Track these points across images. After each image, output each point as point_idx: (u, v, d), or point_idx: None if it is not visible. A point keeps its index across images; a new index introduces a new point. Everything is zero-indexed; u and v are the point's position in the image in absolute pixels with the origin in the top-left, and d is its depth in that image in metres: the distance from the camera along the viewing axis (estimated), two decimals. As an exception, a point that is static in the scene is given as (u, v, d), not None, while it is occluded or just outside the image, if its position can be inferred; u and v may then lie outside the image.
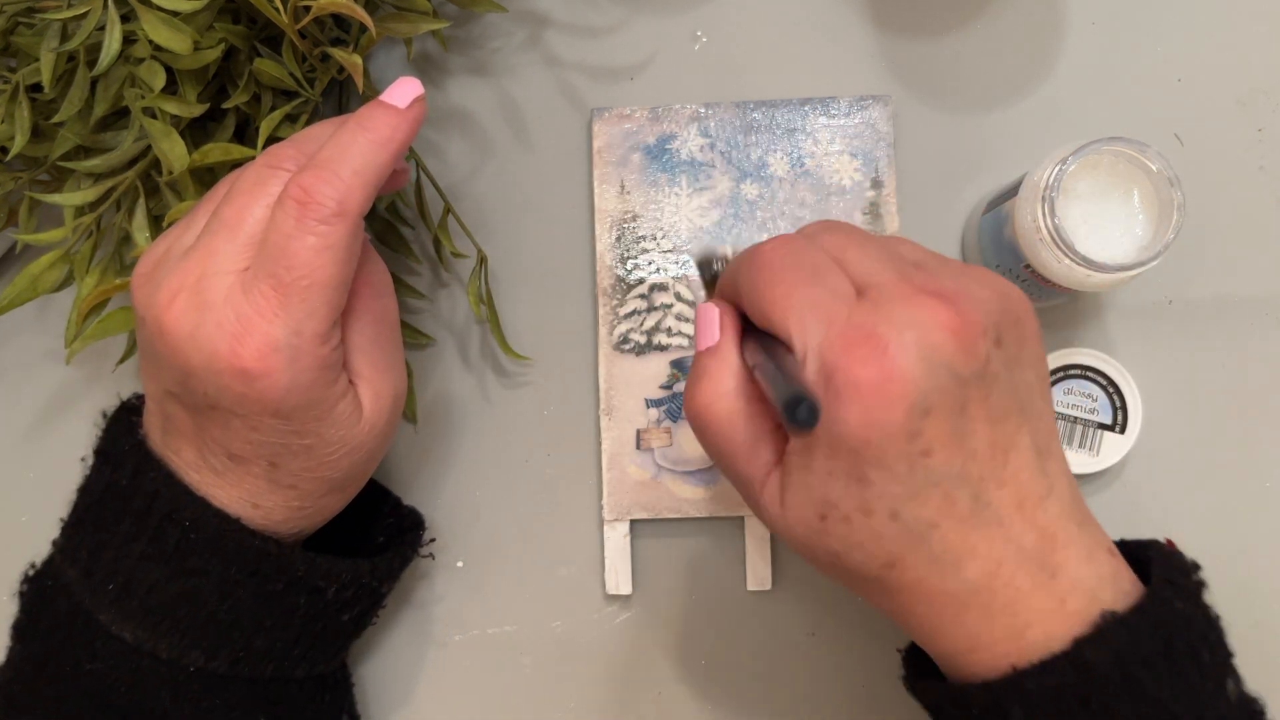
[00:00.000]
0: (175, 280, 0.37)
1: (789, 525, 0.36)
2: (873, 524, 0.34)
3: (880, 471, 0.33)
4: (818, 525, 0.35)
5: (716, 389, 0.37)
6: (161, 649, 0.39)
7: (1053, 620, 0.34)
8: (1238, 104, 0.50)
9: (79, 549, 0.40)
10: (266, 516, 0.40)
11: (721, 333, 0.38)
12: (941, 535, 0.34)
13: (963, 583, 0.34)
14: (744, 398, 0.37)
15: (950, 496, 0.34)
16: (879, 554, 0.35)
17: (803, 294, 0.35)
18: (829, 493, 0.34)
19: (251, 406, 0.37)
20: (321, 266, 0.36)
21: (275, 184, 0.38)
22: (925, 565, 0.35)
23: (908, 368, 0.33)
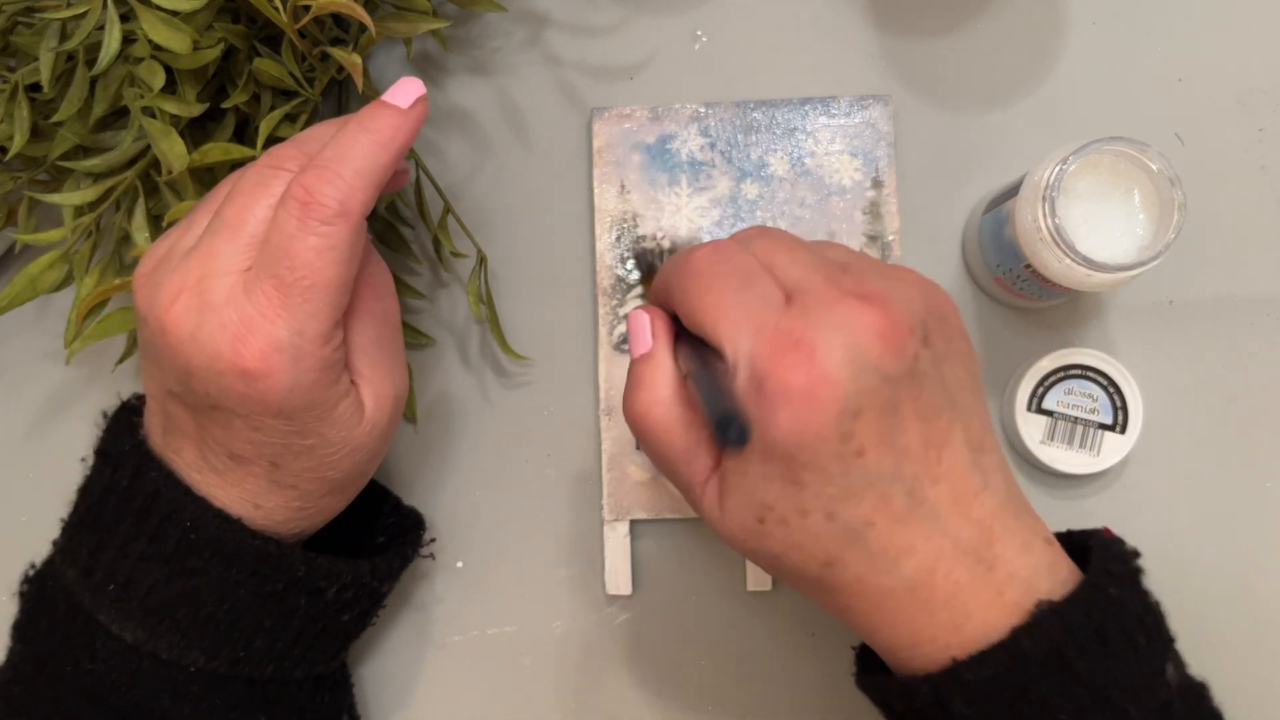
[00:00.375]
0: (177, 280, 0.37)
1: (728, 528, 0.37)
2: (809, 525, 0.35)
3: (814, 474, 0.34)
4: (756, 528, 0.36)
5: (652, 396, 0.38)
6: (161, 649, 0.39)
7: (991, 611, 0.35)
8: (1238, 104, 0.50)
9: (79, 549, 0.40)
10: (267, 517, 0.40)
11: (654, 339, 0.39)
12: (878, 533, 0.35)
13: (901, 579, 0.35)
14: (680, 404, 0.38)
15: (885, 495, 0.35)
16: (817, 554, 0.35)
17: (732, 301, 0.36)
18: (765, 496, 0.35)
19: (253, 407, 0.37)
20: (324, 267, 0.36)
21: (277, 184, 0.38)
22: (863, 563, 0.35)
23: (836, 371, 0.34)
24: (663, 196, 0.50)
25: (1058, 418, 0.47)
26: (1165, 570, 0.49)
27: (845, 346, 0.34)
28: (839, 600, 0.36)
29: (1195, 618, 0.48)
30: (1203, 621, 0.48)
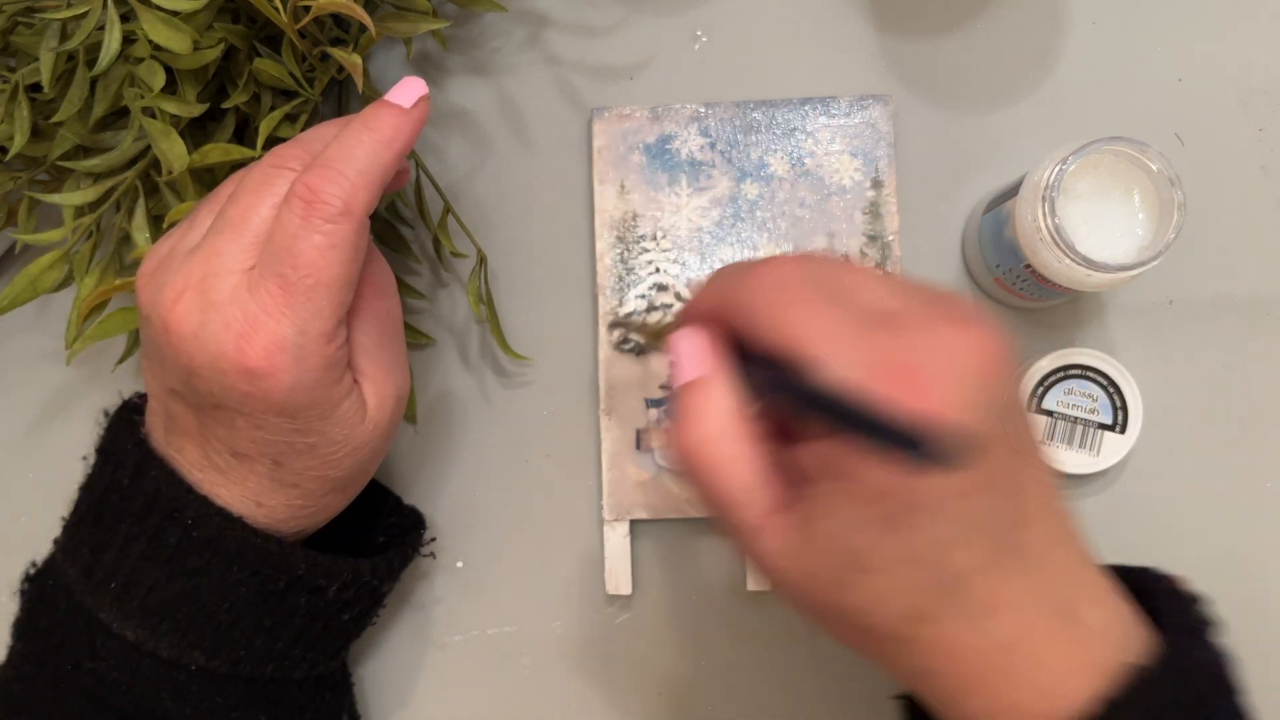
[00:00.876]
0: (180, 279, 0.37)
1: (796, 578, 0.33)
2: (904, 575, 0.32)
3: (919, 516, 0.31)
4: (836, 578, 0.32)
5: (709, 430, 0.34)
6: (162, 648, 0.39)
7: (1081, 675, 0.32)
8: (1238, 104, 0.50)
9: (80, 548, 0.40)
10: (269, 515, 0.40)
11: (707, 364, 0.35)
12: (975, 585, 0.32)
13: (992, 637, 0.32)
14: (740, 439, 0.34)
15: (984, 541, 0.32)
16: (906, 608, 0.32)
17: (828, 316, 0.32)
18: (857, 542, 0.32)
19: (256, 405, 0.37)
20: (328, 265, 0.36)
21: (281, 183, 0.38)
22: (955, 619, 0.32)
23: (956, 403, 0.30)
24: (663, 196, 0.50)
25: (1058, 417, 0.47)
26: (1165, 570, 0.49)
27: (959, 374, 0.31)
28: (919, 663, 0.33)
29: (1195, 618, 0.48)
30: (1203, 621, 0.48)
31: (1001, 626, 0.32)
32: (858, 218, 0.49)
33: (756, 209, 0.49)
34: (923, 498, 0.31)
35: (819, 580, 0.33)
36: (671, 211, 0.50)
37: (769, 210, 0.49)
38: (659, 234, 0.49)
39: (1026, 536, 0.33)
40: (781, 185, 0.49)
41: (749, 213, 0.49)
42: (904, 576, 0.32)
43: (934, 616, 0.32)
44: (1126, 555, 0.49)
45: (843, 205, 0.49)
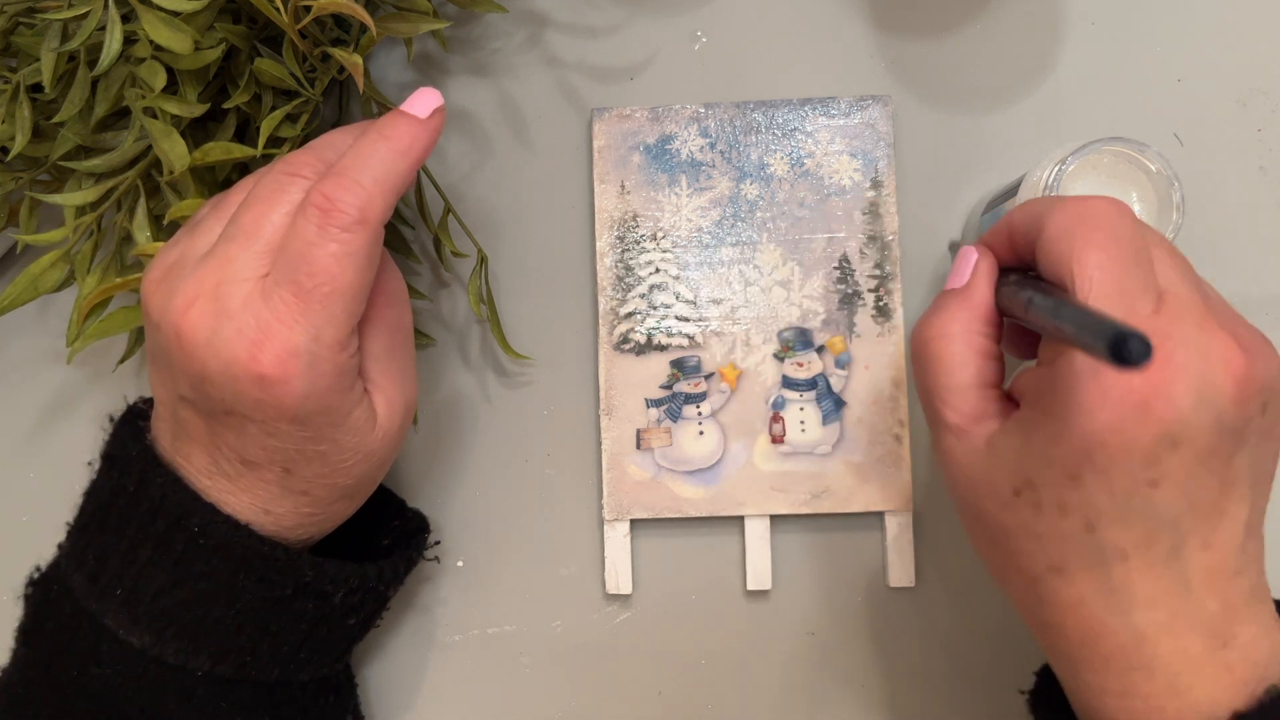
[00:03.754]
0: (191, 286, 0.37)
1: (975, 483, 0.36)
2: (1062, 524, 0.33)
3: (1099, 479, 0.33)
4: (1007, 498, 0.34)
5: (947, 328, 0.37)
6: (168, 654, 0.39)
7: (1216, 687, 0.33)
8: (1238, 104, 0.50)
9: (85, 553, 0.40)
10: (277, 523, 0.40)
11: (975, 276, 0.38)
12: (1126, 570, 0.33)
13: (1131, 625, 0.34)
14: (972, 346, 0.37)
15: (1153, 536, 0.33)
16: (1052, 554, 0.34)
17: (1121, 272, 0.34)
18: (1034, 472, 0.34)
19: (269, 412, 0.37)
20: (342, 273, 0.37)
21: (294, 191, 0.38)
22: (1095, 590, 0.34)
23: (1180, 394, 0.32)
24: (663, 196, 0.50)
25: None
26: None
27: (1199, 374, 0.32)
28: (1050, 614, 0.35)
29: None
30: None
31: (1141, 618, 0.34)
32: (857, 218, 0.49)
33: (756, 209, 0.49)
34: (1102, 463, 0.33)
35: (991, 491, 0.35)
36: (671, 211, 0.50)
37: (769, 210, 0.49)
38: (659, 234, 0.50)
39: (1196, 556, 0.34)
40: (781, 185, 0.50)
41: (749, 213, 0.49)
42: (1061, 524, 0.34)
43: (1071, 574, 0.34)
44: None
45: (842, 205, 0.49)
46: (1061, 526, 0.34)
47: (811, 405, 0.49)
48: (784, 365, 0.49)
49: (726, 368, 0.49)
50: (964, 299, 0.38)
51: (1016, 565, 0.35)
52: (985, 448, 0.36)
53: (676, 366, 0.49)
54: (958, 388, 0.37)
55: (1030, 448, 0.34)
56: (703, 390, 0.49)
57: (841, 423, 0.48)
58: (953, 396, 0.37)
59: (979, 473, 0.36)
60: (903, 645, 0.49)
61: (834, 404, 0.48)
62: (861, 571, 0.49)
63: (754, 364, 0.49)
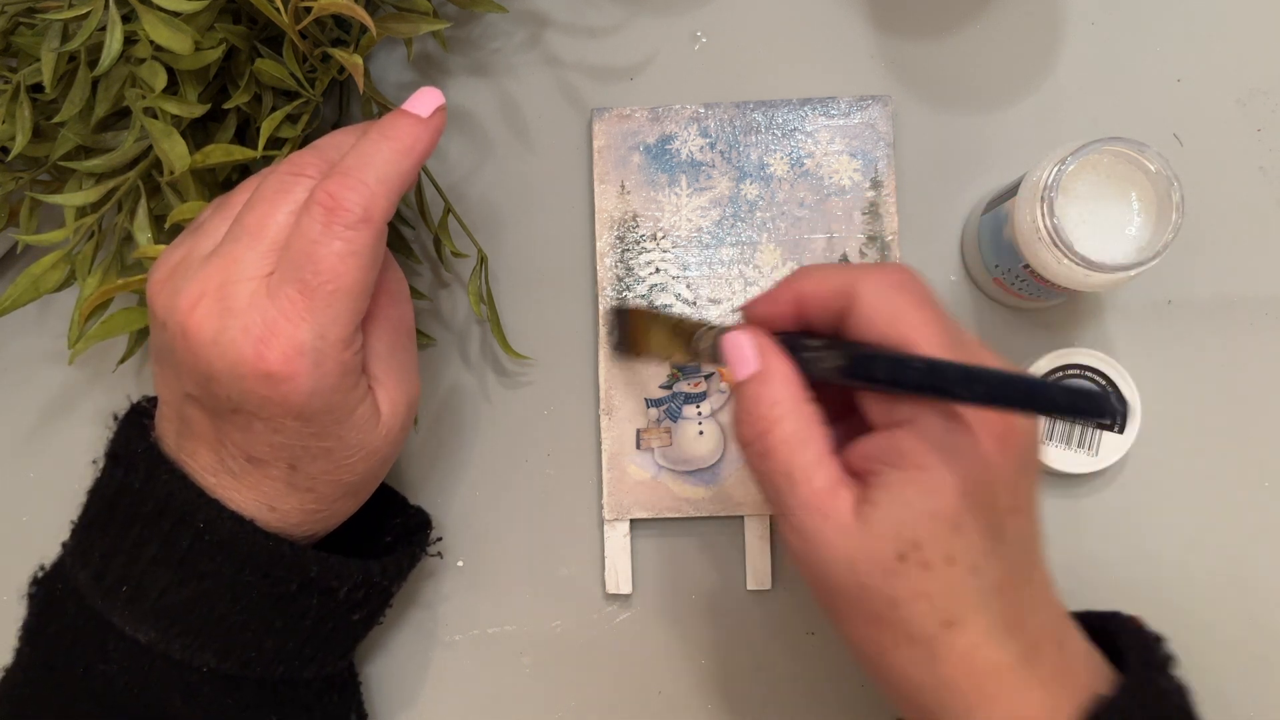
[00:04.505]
0: (197, 286, 0.37)
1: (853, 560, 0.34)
2: (951, 575, 0.34)
3: (978, 519, 0.34)
4: (892, 565, 0.34)
5: (771, 413, 0.37)
6: (174, 650, 0.39)
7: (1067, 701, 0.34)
8: (1237, 104, 0.50)
9: (90, 551, 0.40)
10: (282, 519, 0.40)
11: (767, 357, 0.38)
12: (1004, 600, 0.34)
13: (1010, 654, 0.34)
14: (803, 420, 0.36)
15: (1018, 562, 0.35)
16: (944, 609, 0.34)
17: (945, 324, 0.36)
18: (918, 532, 0.34)
19: (275, 409, 0.37)
20: (347, 272, 0.37)
21: (298, 190, 0.38)
22: (983, 630, 0.34)
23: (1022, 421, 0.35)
24: (662, 196, 0.50)
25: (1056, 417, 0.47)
26: (1163, 569, 0.49)
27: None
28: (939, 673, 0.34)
29: (1194, 617, 0.48)
30: (1202, 621, 0.48)
31: (1015, 645, 0.34)
32: (857, 218, 0.49)
33: (756, 209, 0.49)
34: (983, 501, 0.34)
35: (872, 564, 0.34)
36: (671, 211, 0.50)
37: (769, 210, 0.49)
38: (659, 234, 0.50)
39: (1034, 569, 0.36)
40: (781, 185, 0.50)
41: (749, 213, 0.49)
42: (953, 577, 0.34)
43: (963, 623, 0.34)
44: (1125, 554, 0.49)
45: (842, 205, 0.49)
46: (951, 577, 0.34)
47: (811, 405, 0.49)
48: (784, 365, 0.49)
49: (726, 368, 0.49)
50: (771, 381, 0.37)
51: (907, 633, 0.34)
52: (856, 521, 0.35)
53: (676, 366, 0.49)
54: (809, 465, 0.36)
55: (910, 509, 0.34)
56: (702, 390, 0.49)
57: (841, 423, 0.49)
58: (804, 477, 0.35)
59: (855, 548, 0.34)
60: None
61: (834, 404, 0.49)
62: (861, 571, 0.49)
63: (754, 364, 0.49)
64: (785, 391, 0.37)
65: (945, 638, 0.34)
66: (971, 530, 0.34)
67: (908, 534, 0.34)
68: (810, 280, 0.38)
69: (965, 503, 0.34)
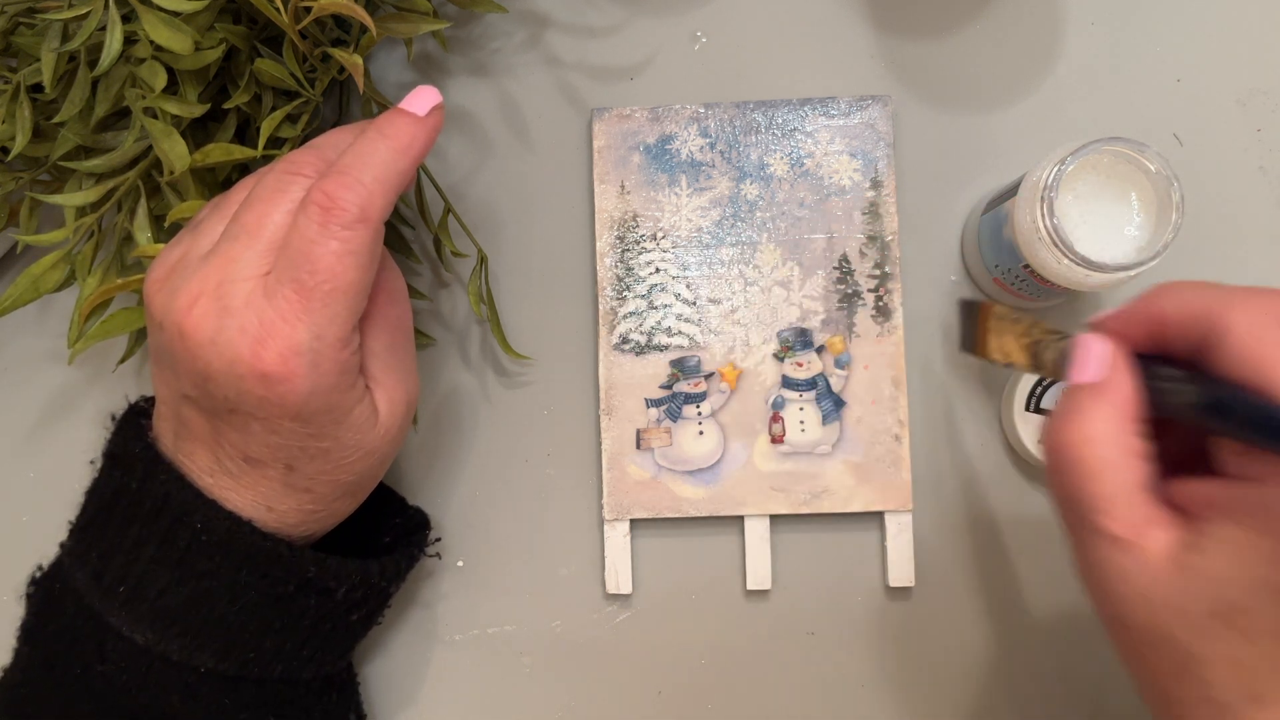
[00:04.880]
0: (195, 285, 0.37)
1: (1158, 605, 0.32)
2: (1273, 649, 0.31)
3: None
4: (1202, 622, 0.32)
5: (1089, 431, 0.34)
6: (172, 651, 0.39)
7: None
8: (1237, 104, 0.50)
9: (88, 552, 0.40)
10: (280, 520, 0.40)
11: (1115, 371, 0.35)
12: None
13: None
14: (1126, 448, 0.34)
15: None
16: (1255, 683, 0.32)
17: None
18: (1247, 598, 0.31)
19: (272, 409, 0.37)
20: (344, 271, 0.37)
21: (295, 189, 0.38)
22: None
23: None
24: (662, 196, 0.50)
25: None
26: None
27: None
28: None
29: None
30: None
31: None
32: (857, 218, 0.49)
33: (756, 209, 0.49)
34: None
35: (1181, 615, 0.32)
36: (671, 212, 0.50)
37: (769, 210, 0.49)
38: (659, 234, 0.50)
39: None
40: (781, 185, 0.50)
41: (749, 213, 0.49)
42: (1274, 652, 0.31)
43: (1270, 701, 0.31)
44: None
45: (842, 205, 0.49)
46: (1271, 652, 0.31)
47: (811, 405, 0.49)
48: (784, 365, 0.49)
49: (726, 368, 0.49)
50: (1106, 396, 0.34)
51: (1205, 695, 0.32)
52: (1171, 565, 0.32)
53: (676, 366, 0.49)
54: (1117, 495, 0.33)
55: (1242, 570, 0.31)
56: (703, 390, 0.49)
57: (841, 423, 0.49)
58: (1113, 505, 0.33)
59: (1165, 593, 0.32)
60: (902, 645, 0.49)
61: (834, 404, 0.49)
62: (861, 571, 0.49)
63: (754, 364, 0.49)
64: (1115, 413, 0.34)
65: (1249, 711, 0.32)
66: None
67: (1230, 596, 0.31)
68: (1171, 299, 0.35)
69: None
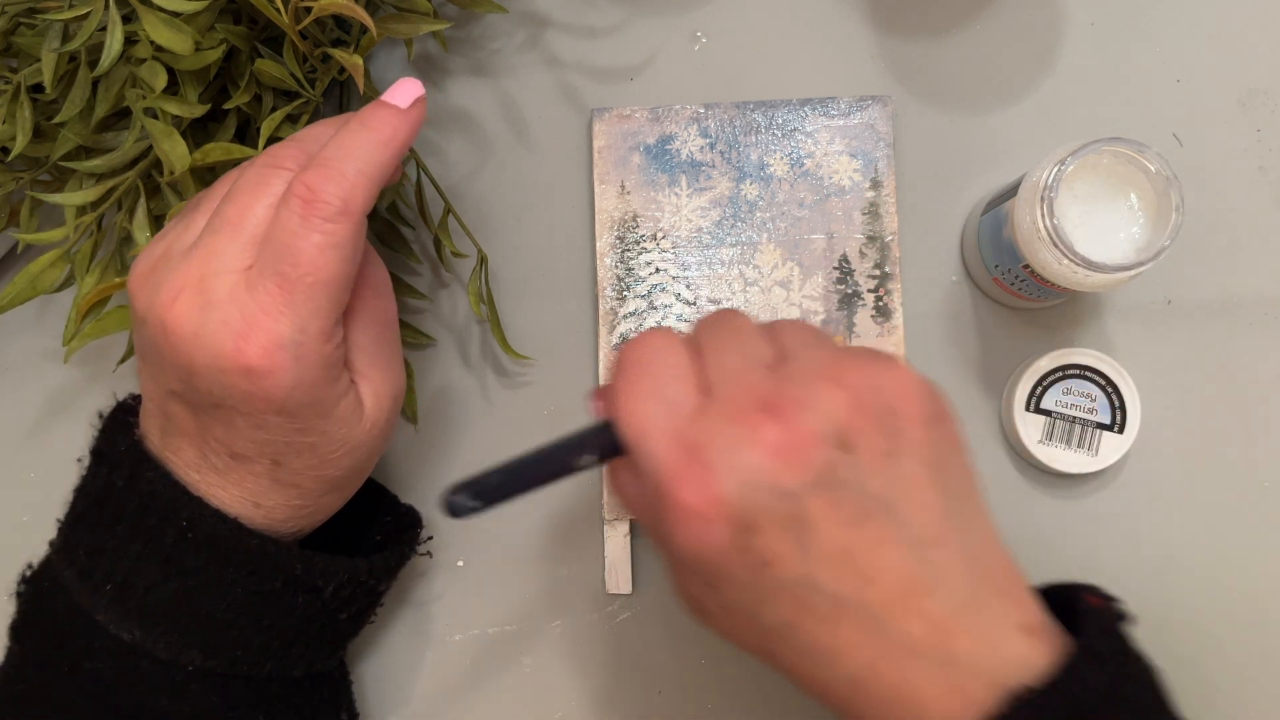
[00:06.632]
0: (177, 279, 0.37)
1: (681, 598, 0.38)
2: (736, 621, 0.36)
3: (725, 582, 0.35)
4: (698, 612, 0.38)
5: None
6: (160, 649, 0.39)
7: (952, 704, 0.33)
8: (1237, 104, 0.50)
9: (76, 549, 0.40)
10: (267, 516, 0.40)
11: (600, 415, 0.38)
12: (804, 633, 0.34)
13: (841, 674, 0.34)
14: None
15: (802, 599, 0.34)
16: (751, 645, 0.37)
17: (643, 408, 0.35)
18: (693, 590, 0.37)
19: (257, 404, 0.37)
20: (326, 264, 0.37)
21: (277, 183, 0.38)
22: (797, 657, 0.35)
23: (726, 491, 0.33)
24: (662, 197, 0.50)
25: (1056, 417, 0.47)
26: (1163, 570, 0.49)
27: (736, 465, 0.33)
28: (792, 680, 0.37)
29: (1193, 617, 0.48)
30: (1201, 621, 0.48)
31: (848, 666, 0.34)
32: (857, 218, 0.49)
33: (756, 209, 0.49)
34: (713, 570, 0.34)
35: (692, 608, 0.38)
36: (671, 212, 0.50)
37: (768, 211, 0.49)
38: (659, 234, 0.50)
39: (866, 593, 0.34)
40: (781, 186, 0.50)
41: (748, 213, 0.49)
42: (735, 622, 0.36)
43: (776, 654, 0.36)
44: (1125, 554, 0.49)
45: (842, 206, 0.49)
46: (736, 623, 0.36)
47: (811, 405, 0.49)
48: (784, 365, 0.49)
49: None
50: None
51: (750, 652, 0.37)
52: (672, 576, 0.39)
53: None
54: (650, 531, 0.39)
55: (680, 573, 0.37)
56: (702, 390, 0.49)
57: (841, 423, 0.48)
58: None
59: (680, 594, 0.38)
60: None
61: (834, 404, 0.48)
62: (861, 571, 0.49)
63: (754, 364, 0.49)
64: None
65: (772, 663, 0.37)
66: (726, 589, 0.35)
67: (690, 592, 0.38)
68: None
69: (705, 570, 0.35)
